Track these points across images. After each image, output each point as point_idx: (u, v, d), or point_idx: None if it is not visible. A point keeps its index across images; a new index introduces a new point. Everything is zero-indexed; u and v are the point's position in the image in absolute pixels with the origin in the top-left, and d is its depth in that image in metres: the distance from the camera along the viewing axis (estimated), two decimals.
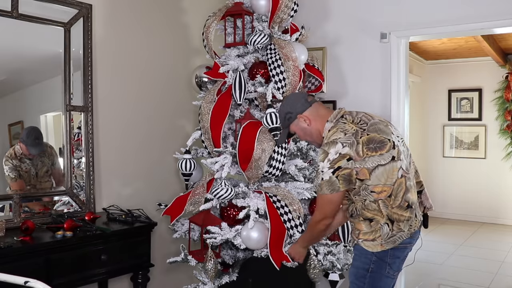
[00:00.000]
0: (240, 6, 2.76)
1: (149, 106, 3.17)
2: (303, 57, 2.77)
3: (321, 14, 3.43)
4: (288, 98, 2.26)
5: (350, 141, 1.95)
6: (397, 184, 1.98)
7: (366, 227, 2.03)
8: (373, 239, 2.01)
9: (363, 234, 2.03)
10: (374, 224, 2.00)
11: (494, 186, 6.83)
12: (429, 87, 7.28)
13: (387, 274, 2.05)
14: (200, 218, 2.62)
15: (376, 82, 3.24)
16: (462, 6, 2.92)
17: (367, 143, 1.96)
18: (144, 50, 3.13)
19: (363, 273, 2.06)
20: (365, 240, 2.03)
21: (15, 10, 2.41)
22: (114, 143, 2.95)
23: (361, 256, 2.06)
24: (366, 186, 1.95)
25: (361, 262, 2.06)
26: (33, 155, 2.56)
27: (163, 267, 3.12)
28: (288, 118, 2.15)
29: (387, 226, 1.99)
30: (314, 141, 2.18)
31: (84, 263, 2.31)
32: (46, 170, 2.63)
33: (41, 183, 2.60)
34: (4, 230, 2.22)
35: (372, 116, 2.11)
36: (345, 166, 1.93)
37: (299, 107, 2.13)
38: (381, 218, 1.98)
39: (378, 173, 1.94)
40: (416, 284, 4.17)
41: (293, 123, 2.16)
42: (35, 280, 1.55)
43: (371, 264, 2.04)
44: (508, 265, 4.78)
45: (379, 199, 1.96)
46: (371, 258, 2.03)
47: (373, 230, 2.01)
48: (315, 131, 2.13)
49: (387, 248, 2.01)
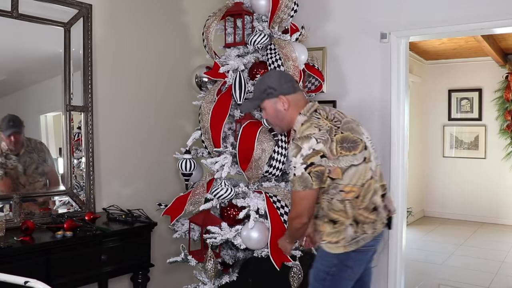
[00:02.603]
0: (240, 6, 2.76)
1: (149, 106, 3.17)
2: (303, 57, 2.77)
3: (321, 14, 3.43)
4: (276, 73, 2.16)
5: (324, 138, 1.89)
6: (367, 185, 1.96)
7: (330, 228, 1.98)
8: (336, 242, 1.97)
9: (327, 235, 1.99)
10: (338, 226, 1.96)
11: (494, 186, 6.82)
12: (429, 87, 7.28)
13: (348, 277, 2.02)
14: (200, 218, 2.62)
15: (376, 82, 3.24)
16: (462, 6, 2.92)
17: (341, 141, 1.92)
18: (144, 50, 3.13)
19: (323, 275, 2.02)
20: (329, 243, 1.98)
21: (15, 10, 2.41)
22: (114, 143, 2.95)
23: (323, 259, 2.02)
24: (337, 185, 1.91)
25: (322, 264, 2.03)
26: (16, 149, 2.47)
27: (163, 267, 3.12)
28: (269, 93, 2.05)
29: (352, 228, 1.95)
30: (280, 126, 2.12)
31: (84, 263, 2.31)
32: (35, 167, 2.55)
33: (31, 183, 2.53)
34: (4, 230, 2.22)
35: (345, 115, 2.06)
36: (318, 163, 1.87)
37: (285, 88, 2.05)
38: (346, 219, 1.95)
39: (351, 173, 1.91)
40: (416, 284, 4.17)
41: (270, 100, 2.07)
42: (35, 280, 1.55)
43: (332, 267, 2.00)
44: (508, 265, 4.77)
45: (346, 199, 1.93)
46: (332, 261, 1.99)
47: (337, 231, 1.96)
48: (288, 117, 2.05)
49: (349, 250, 1.96)
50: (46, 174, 2.64)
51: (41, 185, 2.60)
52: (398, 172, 3.16)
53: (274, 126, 2.18)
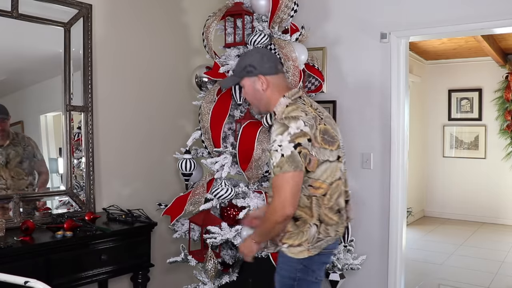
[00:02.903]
0: (240, 6, 2.76)
1: (149, 106, 3.17)
2: (303, 57, 2.77)
3: (321, 14, 3.43)
4: (259, 52, 2.06)
5: (311, 123, 1.82)
6: (335, 185, 1.90)
7: (292, 227, 1.87)
8: (299, 244, 1.86)
9: (288, 237, 1.87)
10: (301, 224, 1.86)
11: (494, 186, 6.83)
12: (429, 87, 7.29)
13: (314, 280, 1.94)
14: (200, 218, 2.61)
15: (376, 82, 3.24)
16: (462, 6, 2.92)
17: (323, 133, 1.86)
18: (144, 50, 3.13)
19: (289, 283, 1.91)
20: (291, 246, 1.87)
21: (15, 10, 2.41)
22: (114, 143, 2.95)
23: (286, 264, 1.91)
24: (307, 178, 1.83)
25: (286, 270, 1.92)
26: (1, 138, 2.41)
27: (163, 267, 3.12)
28: (248, 71, 1.97)
29: (315, 228, 1.86)
30: (258, 106, 2.04)
31: (84, 263, 2.31)
32: (19, 161, 2.48)
33: (13, 177, 2.44)
34: (4, 230, 2.22)
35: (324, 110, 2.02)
36: (305, 145, 1.77)
37: (266, 68, 1.96)
38: (310, 217, 1.86)
39: (323, 169, 1.85)
40: (416, 284, 4.17)
41: (249, 79, 1.98)
42: (35, 280, 1.55)
43: (297, 273, 1.89)
44: (508, 265, 4.78)
45: (314, 195, 1.85)
46: (296, 266, 1.88)
47: (300, 232, 1.86)
48: (266, 98, 1.97)
49: (313, 254, 1.87)
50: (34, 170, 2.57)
51: (27, 183, 2.52)
52: (398, 172, 3.16)
53: (251, 105, 2.07)
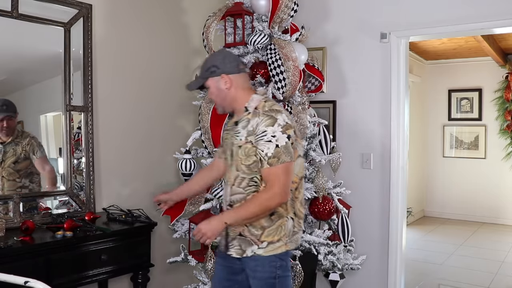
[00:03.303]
0: (240, 6, 2.76)
1: (149, 106, 3.17)
2: (303, 57, 2.77)
3: (321, 14, 3.43)
4: (221, 53, 2.12)
5: (290, 117, 1.92)
6: (303, 180, 2.00)
7: (266, 222, 1.89)
8: (278, 240, 1.89)
9: (267, 234, 1.89)
10: (275, 219, 1.89)
11: (494, 186, 6.83)
12: (429, 87, 7.28)
13: (289, 274, 1.98)
14: (200, 218, 2.61)
15: (376, 82, 3.24)
16: (462, 6, 2.92)
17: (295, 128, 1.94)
18: (144, 50, 3.13)
19: (271, 282, 1.92)
20: (270, 243, 1.89)
21: (15, 10, 2.41)
22: (114, 143, 2.95)
23: (263, 266, 1.92)
24: None
25: (265, 272, 1.92)
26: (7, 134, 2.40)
27: (163, 267, 3.12)
28: (212, 71, 1.99)
29: (292, 222, 1.92)
30: (223, 106, 2.05)
31: (84, 263, 2.31)
32: (14, 161, 2.44)
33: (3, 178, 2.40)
34: (4, 230, 2.21)
35: None
36: (293, 137, 1.87)
37: (228, 67, 1.99)
38: (285, 211, 1.90)
39: (299, 162, 1.93)
40: (416, 284, 4.17)
41: (213, 79, 2.00)
42: (35, 280, 1.55)
43: (277, 271, 1.92)
44: (508, 265, 4.78)
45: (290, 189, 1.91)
46: (275, 264, 1.91)
47: (278, 227, 1.89)
48: (230, 97, 2.00)
49: (291, 249, 1.93)
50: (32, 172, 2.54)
51: (18, 185, 2.47)
52: (398, 172, 3.17)
53: (217, 106, 2.10)
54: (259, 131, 1.85)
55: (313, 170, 2.84)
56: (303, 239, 2.57)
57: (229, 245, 1.97)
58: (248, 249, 1.92)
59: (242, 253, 1.93)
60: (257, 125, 1.87)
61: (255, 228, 1.90)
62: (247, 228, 1.91)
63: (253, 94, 1.99)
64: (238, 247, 1.94)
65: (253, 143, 1.86)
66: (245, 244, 1.93)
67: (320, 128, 2.90)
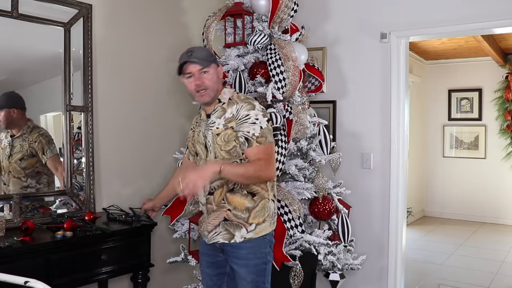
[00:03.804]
0: (240, 6, 2.76)
1: (149, 106, 3.17)
2: (303, 57, 2.77)
3: (321, 14, 3.43)
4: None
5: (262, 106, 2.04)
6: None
7: (250, 202, 1.98)
8: (263, 220, 2.00)
9: (254, 216, 1.98)
10: (258, 199, 1.99)
11: (494, 186, 6.83)
12: (429, 87, 7.29)
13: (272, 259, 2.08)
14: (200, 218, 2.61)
15: (376, 82, 3.24)
16: (462, 6, 2.92)
17: None
18: (144, 50, 3.13)
19: (263, 267, 2.02)
20: (258, 225, 1.98)
21: (15, 10, 2.41)
22: (114, 143, 2.95)
23: (256, 252, 2.00)
24: None
25: (257, 258, 2.01)
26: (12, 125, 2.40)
27: (163, 267, 3.12)
28: (215, 59, 2.14)
29: (273, 204, 2.04)
30: (214, 92, 2.05)
31: (84, 263, 2.30)
32: (20, 157, 2.43)
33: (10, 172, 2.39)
34: (4, 230, 2.21)
35: None
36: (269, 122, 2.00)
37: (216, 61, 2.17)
38: (266, 192, 2.01)
39: None
40: (416, 284, 4.17)
41: (214, 66, 2.08)
42: (35, 280, 1.55)
43: (267, 255, 2.03)
44: (508, 265, 4.78)
45: None
46: (265, 250, 2.02)
47: (262, 209, 1.99)
48: (218, 87, 2.09)
49: (273, 228, 2.05)
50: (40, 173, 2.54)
51: (23, 184, 2.47)
52: (398, 172, 3.17)
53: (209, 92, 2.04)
54: (241, 115, 1.96)
55: (313, 170, 2.84)
56: (303, 239, 2.57)
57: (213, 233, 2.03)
58: (237, 233, 1.98)
59: (230, 237, 1.99)
60: (237, 111, 1.98)
61: (240, 211, 1.98)
62: (231, 212, 1.98)
63: (224, 88, 2.11)
64: (226, 232, 2.00)
65: (234, 127, 1.96)
66: (233, 228, 1.99)
67: (320, 128, 2.90)
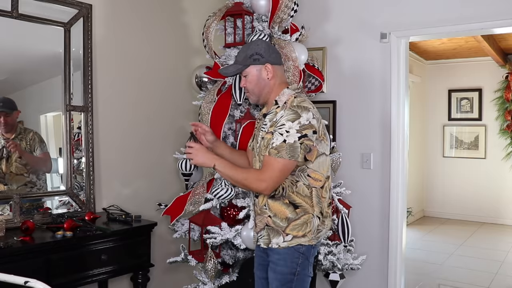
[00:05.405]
0: (240, 6, 2.76)
1: (149, 106, 3.17)
2: (303, 57, 2.77)
3: (321, 14, 3.43)
4: (264, 42, 2.08)
5: (317, 116, 1.90)
6: (330, 179, 2.00)
7: (291, 214, 1.90)
8: (303, 235, 1.91)
9: (292, 228, 1.90)
10: (300, 212, 1.90)
11: (494, 186, 6.83)
12: (429, 87, 7.29)
13: (309, 274, 1.98)
14: (200, 218, 2.61)
15: (376, 82, 3.24)
16: (462, 6, 2.92)
17: (323, 127, 1.94)
18: (144, 50, 3.13)
19: (290, 278, 1.94)
20: (295, 237, 1.91)
21: (15, 10, 2.41)
22: (114, 143, 2.95)
23: (287, 261, 1.94)
24: (306, 168, 1.89)
25: (287, 267, 1.94)
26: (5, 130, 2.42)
27: (163, 267, 3.12)
28: (255, 59, 1.98)
29: (318, 221, 1.93)
30: (258, 96, 2.03)
31: (84, 263, 2.31)
32: (19, 155, 2.47)
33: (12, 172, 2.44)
34: (4, 230, 2.22)
35: None
36: (310, 137, 1.85)
37: (273, 57, 2.00)
38: (310, 207, 1.91)
39: (320, 161, 1.92)
40: (416, 284, 4.17)
41: (255, 67, 1.99)
42: (35, 280, 1.55)
43: (297, 267, 1.93)
44: (508, 265, 4.78)
45: (314, 186, 1.91)
46: (297, 261, 1.93)
47: (304, 223, 1.91)
48: (269, 88, 2.00)
49: (313, 244, 1.95)
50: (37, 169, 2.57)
51: (26, 180, 2.51)
52: (398, 172, 3.16)
53: (250, 94, 2.07)
54: (279, 124, 1.87)
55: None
56: None
57: (259, 236, 2.01)
58: (274, 240, 1.94)
59: (268, 242, 1.97)
60: (280, 117, 1.88)
61: (279, 219, 1.93)
62: (271, 218, 1.95)
63: (285, 88, 1.99)
64: (266, 237, 1.97)
65: (273, 133, 1.88)
66: (273, 233, 1.95)
67: None
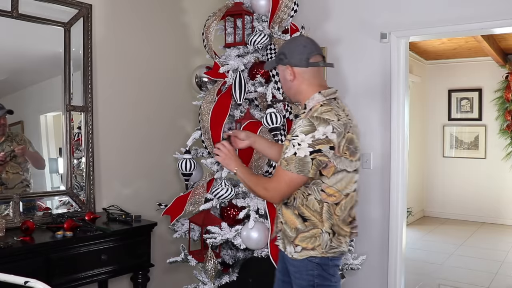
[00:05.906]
0: (240, 6, 2.76)
1: (149, 106, 3.17)
2: None
3: (321, 14, 3.43)
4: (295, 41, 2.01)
5: (339, 130, 1.76)
6: (350, 197, 1.85)
7: (301, 225, 1.83)
8: (312, 248, 1.82)
9: (301, 239, 1.83)
10: (309, 225, 1.82)
11: (494, 186, 6.83)
12: (429, 87, 7.29)
13: (334, 285, 1.89)
14: (200, 218, 2.61)
15: (376, 82, 3.24)
16: (462, 6, 2.92)
17: (349, 142, 1.81)
18: (144, 50, 3.13)
19: None
20: (304, 249, 1.83)
21: (15, 10, 2.41)
22: (114, 143, 2.95)
23: (302, 273, 1.86)
24: (320, 182, 1.79)
25: (303, 279, 1.86)
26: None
27: (163, 267, 3.12)
28: (280, 59, 1.95)
29: (328, 236, 1.82)
30: (288, 95, 2.02)
31: (84, 263, 2.31)
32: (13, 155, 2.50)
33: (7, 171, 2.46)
34: (4, 230, 2.22)
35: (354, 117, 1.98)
36: (325, 152, 1.73)
37: (295, 59, 1.91)
38: (320, 222, 1.81)
39: (339, 177, 1.79)
40: (416, 284, 4.17)
41: (281, 66, 1.96)
42: (35, 280, 1.55)
43: (314, 279, 1.84)
44: (508, 265, 4.78)
45: (326, 201, 1.80)
46: (313, 272, 1.84)
47: (312, 236, 1.82)
48: (294, 89, 1.95)
49: (329, 256, 1.84)
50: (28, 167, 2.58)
51: (22, 178, 2.53)
52: (398, 172, 3.16)
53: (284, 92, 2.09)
54: (294, 133, 1.78)
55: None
56: None
57: (278, 236, 1.97)
58: (288, 248, 1.89)
59: (283, 247, 1.92)
60: (298, 126, 1.79)
61: (289, 228, 1.87)
62: (283, 226, 1.91)
63: (316, 93, 1.89)
64: (282, 240, 1.94)
65: (290, 141, 1.80)
66: (286, 239, 1.91)
67: None
